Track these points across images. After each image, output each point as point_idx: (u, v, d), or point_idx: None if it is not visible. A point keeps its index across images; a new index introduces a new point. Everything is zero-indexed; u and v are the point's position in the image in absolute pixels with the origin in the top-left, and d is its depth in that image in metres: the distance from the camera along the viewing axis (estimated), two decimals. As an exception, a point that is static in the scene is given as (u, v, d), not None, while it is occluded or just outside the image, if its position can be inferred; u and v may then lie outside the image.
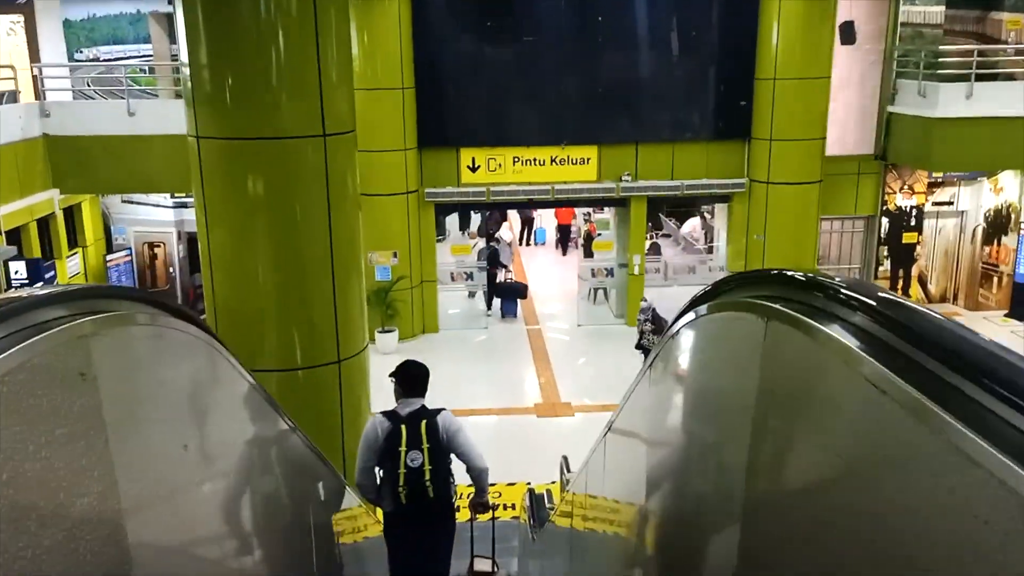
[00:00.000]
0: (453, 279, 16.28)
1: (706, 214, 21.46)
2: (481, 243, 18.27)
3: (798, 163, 15.15)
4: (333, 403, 6.61)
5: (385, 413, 4.55)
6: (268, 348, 6.41)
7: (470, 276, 16.32)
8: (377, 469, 4.49)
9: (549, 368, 13.94)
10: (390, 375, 4.84)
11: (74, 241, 14.42)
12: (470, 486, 5.07)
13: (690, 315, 2.08)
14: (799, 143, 15.07)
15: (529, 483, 10.12)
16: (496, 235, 19.84)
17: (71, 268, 14.11)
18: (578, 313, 16.50)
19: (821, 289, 1.39)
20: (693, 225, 21.52)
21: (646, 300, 12.63)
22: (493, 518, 5.09)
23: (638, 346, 12.53)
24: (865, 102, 16.32)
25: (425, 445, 4.33)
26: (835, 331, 1.26)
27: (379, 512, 4.89)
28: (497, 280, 17.33)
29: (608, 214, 18.29)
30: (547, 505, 7.94)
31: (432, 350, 14.86)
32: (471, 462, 4.65)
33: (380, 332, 14.64)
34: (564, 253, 22.24)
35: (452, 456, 4.64)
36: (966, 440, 0.90)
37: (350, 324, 6.64)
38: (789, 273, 1.54)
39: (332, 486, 4.44)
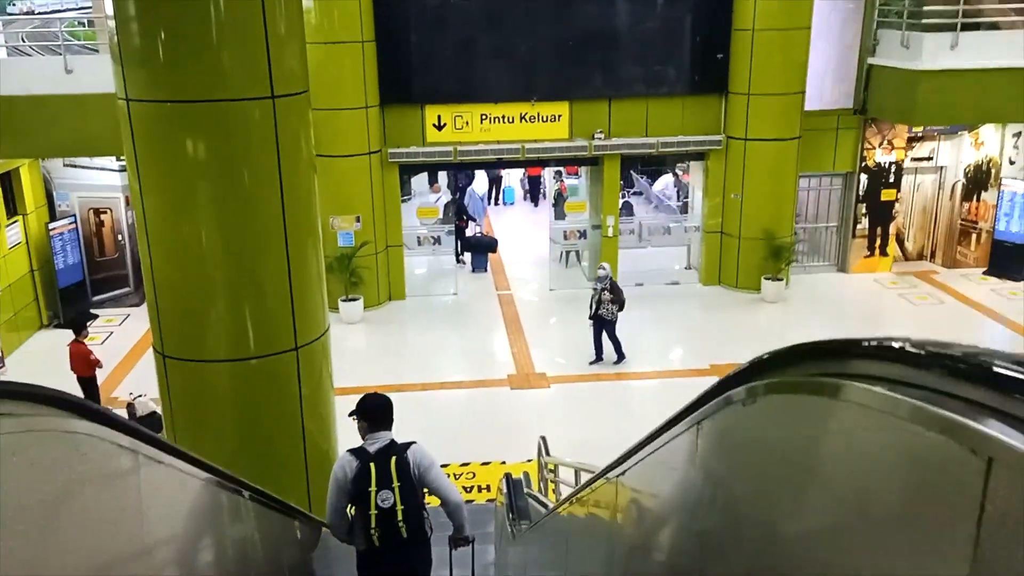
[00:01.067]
0: (420, 243, 15.58)
1: (679, 171, 20.93)
2: (447, 197, 17.52)
3: (777, 118, 14.62)
4: (292, 395, 6.01)
5: (353, 451, 4.25)
6: (216, 334, 5.77)
7: (437, 240, 15.64)
8: (349, 507, 4.25)
9: (522, 336, 13.42)
10: (350, 414, 4.51)
11: (12, 209, 13.44)
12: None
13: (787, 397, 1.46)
14: (778, 97, 14.52)
15: (504, 462, 9.66)
16: (468, 188, 19.13)
17: (11, 238, 13.16)
18: (550, 277, 15.95)
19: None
20: (665, 183, 21.01)
21: (604, 268, 12.08)
22: (472, 545, 4.83)
23: (593, 317, 12.00)
24: (844, 53, 15.75)
25: (396, 484, 4.07)
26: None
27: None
28: (467, 234, 16.94)
29: (581, 178, 17.68)
30: (525, 490, 7.46)
31: (399, 319, 14.27)
32: (445, 497, 4.37)
33: (344, 301, 13.97)
34: (536, 204, 21.71)
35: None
36: None
37: (308, 306, 6.01)
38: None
39: (303, 539, 3.91)
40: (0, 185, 13.05)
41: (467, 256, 16.71)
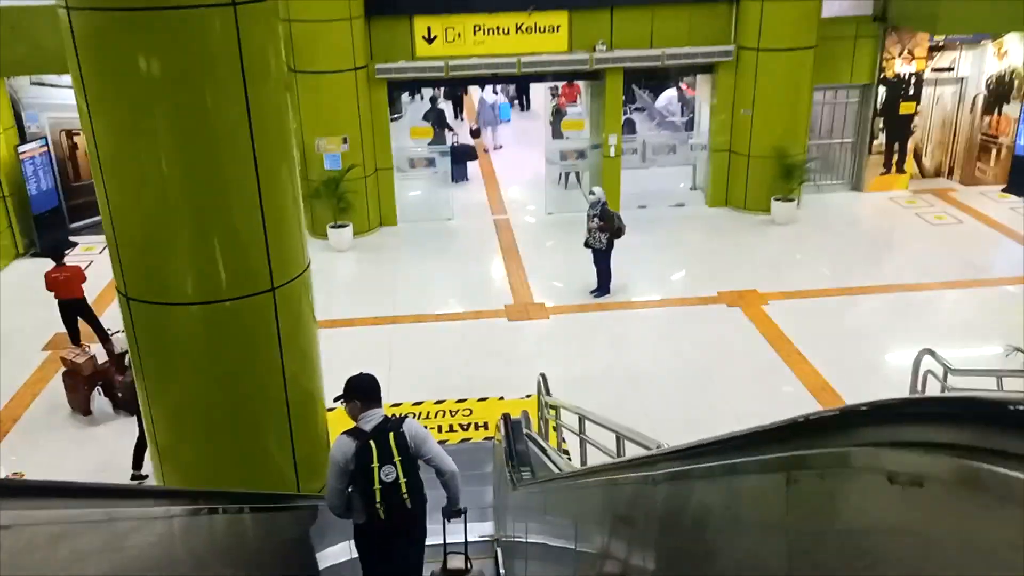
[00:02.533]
0: (413, 165, 14.80)
1: (683, 85, 19.93)
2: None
3: (791, 26, 13.66)
4: (270, 338, 5.43)
5: (349, 432, 4.40)
6: (183, 275, 5.16)
7: (431, 162, 14.84)
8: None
9: (519, 264, 12.81)
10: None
11: (-24, 132, 12.63)
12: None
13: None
14: (793, 3, 13.52)
15: (502, 397, 9.20)
16: (480, 97, 18.42)
17: (-25, 163, 12.39)
18: (547, 200, 15.24)
19: None
20: (669, 98, 20.02)
21: (595, 191, 11.34)
22: (465, 517, 4.94)
23: (586, 244, 11.36)
24: (865, -44, 14.71)
25: (397, 458, 4.25)
26: None
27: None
28: (447, 144, 16.48)
29: (580, 105, 16.76)
30: (524, 430, 6.99)
31: (391, 246, 13.64)
32: (441, 467, 4.51)
33: (332, 228, 13.30)
34: (524, 108, 21.12)
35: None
36: None
37: (285, 242, 5.38)
38: None
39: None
40: (-38, 106, 12.20)
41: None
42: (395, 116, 19.22)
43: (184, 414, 5.44)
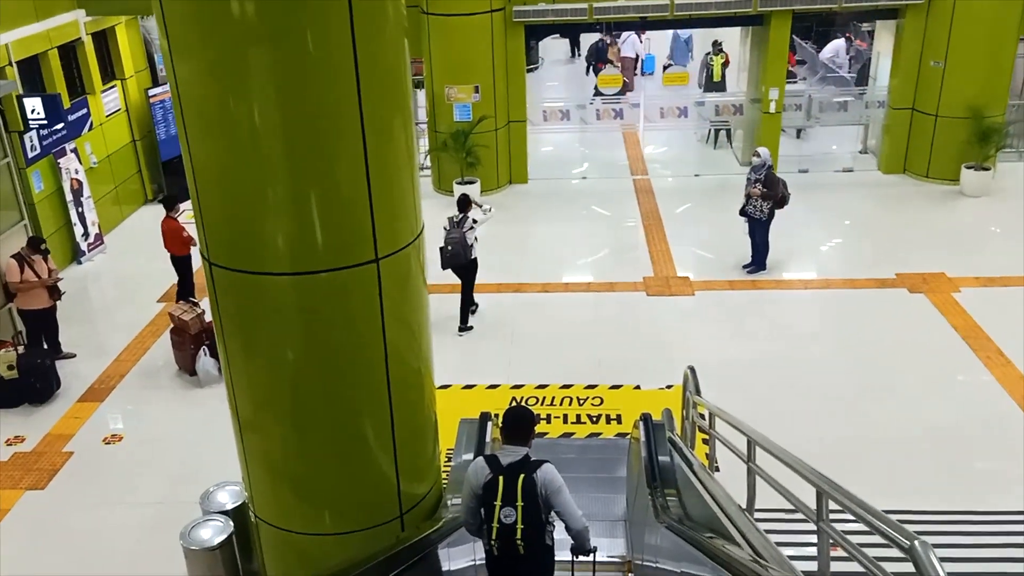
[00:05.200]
0: (546, 119, 13.69)
1: (852, 35, 17.74)
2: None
3: (1001, -38, 11.51)
4: (372, 314, 4.55)
5: (488, 458, 4.33)
6: (273, 240, 4.31)
7: (566, 115, 13.66)
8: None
9: (660, 231, 11.52)
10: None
11: (111, 73, 12.47)
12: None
13: None
14: (1006, -66, 11.36)
15: (638, 386, 8.08)
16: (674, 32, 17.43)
17: (108, 104, 12.24)
18: (695, 160, 13.79)
19: None
20: (836, 49, 17.90)
21: (760, 153, 9.82)
22: (594, 560, 4.44)
23: (743, 212, 9.89)
24: None
25: (520, 503, 4.12)
26: None
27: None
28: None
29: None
30: (668, 434, 5.87)
31: (520, 206, 12.63)
32: (570, 523, 4.23)
33: (459, 183, 12.42)
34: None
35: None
36: None
37: (393, 205, 4.44)
38: None
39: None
40: (96, 46, 12.01)
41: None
42: (531, 67, 18.15)
43: (270, 391, 4.69)
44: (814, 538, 3.28)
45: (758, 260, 10.11)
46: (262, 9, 3.79)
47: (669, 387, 7.89)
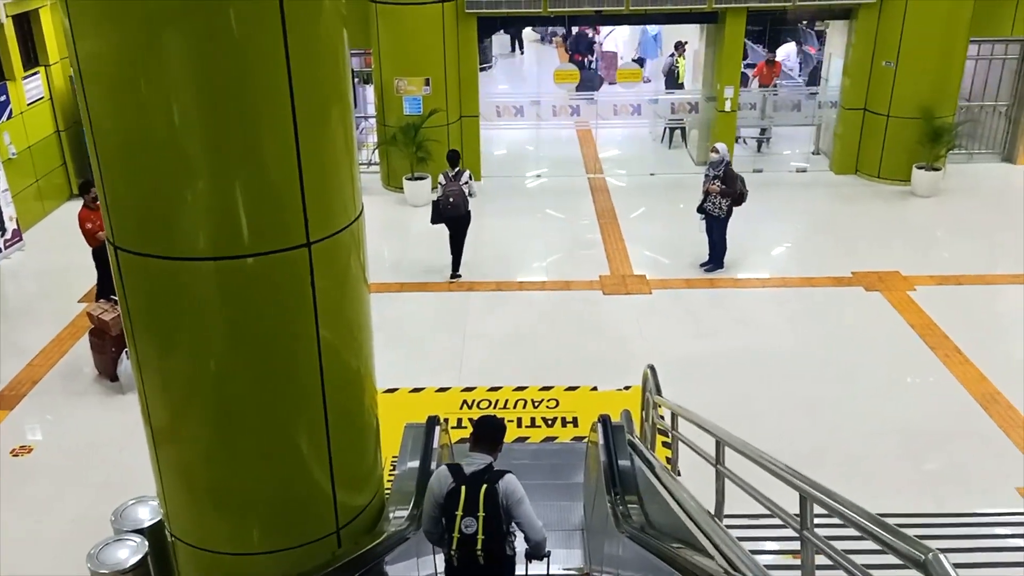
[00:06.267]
0: (500, 115, 13.34)
1: (801, 41, 17.80)
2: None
3: (951, -37, 11.53)
4: (303, 302, 4.11)
5: (451, 466, 4.27)
6: (191, 221, 3.85)
7: (520, 111, 13.34)
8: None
9: (616, 230, 11.24)
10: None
11: (33, 58, 11.73)
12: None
13: None
14: (956, -65, 11.38)
15: (595, 388, 7.74)
16: (644, 28, 17.43)
17: (30, 92, 11.49)
18: (651, 159, 13.60)
19: None
20: (787, 53, 17.94)
21: (718, 149, 9.56)
22: (548, 560, 4.37)
23: (700, 209, 9.66)
24: None
25: (481, 513, 4.06)
26: None
27: None
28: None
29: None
30: (628, 437, 5.53)
31: (473, 202, 12.20)
32: (529, 534, 4.19)
33: (409, 179, 11.99)
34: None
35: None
36: None
37: (327, 188, 4.03)
38: None
39: None
40: (17, 29, 11.27)
41: None
42: (484, 66, 17.81)
43: (187, 394, 4.20)
44: (793, 545, 2.96)
45: (716, 258, 9.88)
46: None
47: (627, 388, 7.57)
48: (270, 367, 4.13)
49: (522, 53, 21.75)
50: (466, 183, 9.54)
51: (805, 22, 17.07)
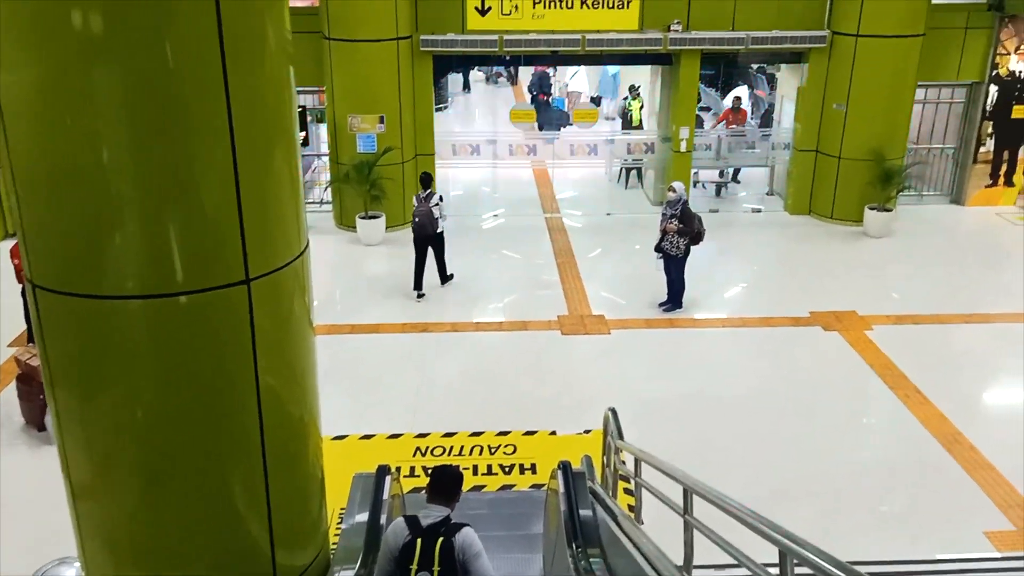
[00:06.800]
0: (456, 153, 13.21)
1: (757, 82, 18.11)
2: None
3: (897, 10, 11.84)
4: (241, 344, 3.83)
5: (408, 518, 4.13)
6: (118, 256, 3.56)
7: (476, 150, 13.23)
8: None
9: (574, 269, 11.10)
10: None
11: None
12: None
13: None
14: (901, -17, 11.69)
15: (554, 432, 7.48)
16: (604, 67, 17.85)
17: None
18: (607, 199, 13.57)
19: None
20: (736, 95, 18.21)
21: (675, 188, 9.52)
22: None
23: (658, 248, 9.58)
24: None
25: (436, 567, 3.91)
26: None
27: None
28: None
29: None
30: (589, 484, 5.28)
31: (428, 242, 11.99)
32: None
33: (362, 218, 11.74)
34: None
35: None
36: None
37: (268, 223, 3.77)
38: None
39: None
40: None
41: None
42: (440, 106, 17.75)
43: (111, 446, 3.85)
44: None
45: (674, 298, 9.77)
46: (108, 27, 3.17)
47: (588, 432, 7.34)
48: (203, 415, 3.81)
49: (469, 92, 21.90)
50: (436, 205, 9.81)
51: (756, 66, 17.40)
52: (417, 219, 9.84)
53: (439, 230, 9.94)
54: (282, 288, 3.89)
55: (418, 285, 10.11)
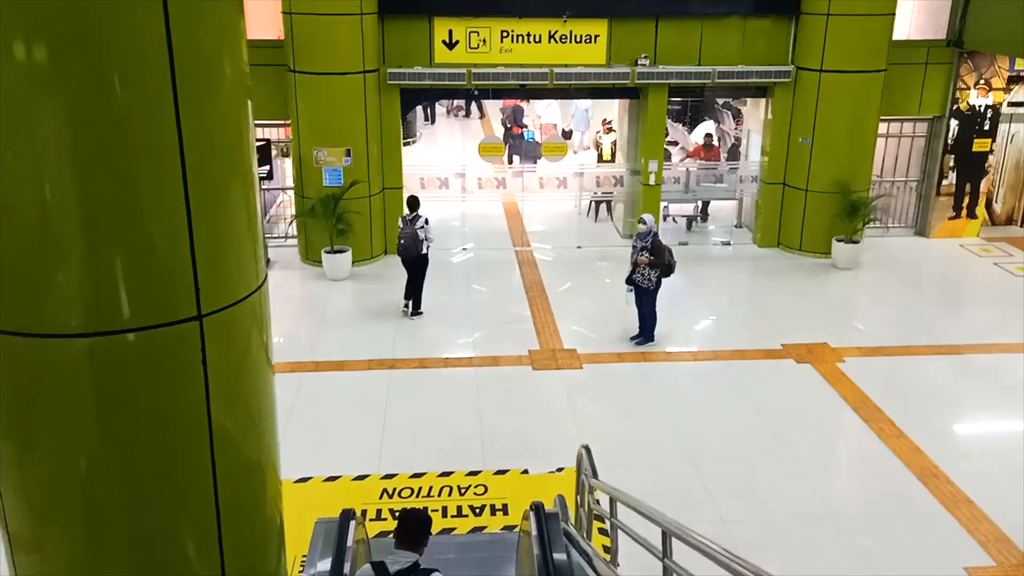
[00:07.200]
0: (424, 187, 13.07)
1: (722, 117, 18.30)
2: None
3: (860, 45, 12.04)
4: (192, 383, 3.61)
5: (375, 564, 3.96)
6: (61, 293, 3.35)
7: (445, 183, 13.12)
8: None
9: (545, 303, 10.96)
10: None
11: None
12: None
13: None
14: (862, 19, 11.90)
15: (525, 471, 7.26)
16: (576, 102, 17.96)
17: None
18: (577, 232, 13.50)
19: None
20: (706, 131, 18.39)
21: (645, 220, 9.48)
22: None
23: (629, 281, 9.49)
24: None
25: None
26: None
27: None
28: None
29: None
30: (563, 526, 5.07)
31: (395, 276, 11.77)
32: None
33: (328, 253, 11.51)
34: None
35: None
36: None
37: (224, 255, 3.61)
38: None
39: None
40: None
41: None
42: (408, 140, 17.65)
43: (52, 495, 3.61)
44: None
45: (646, 331, 9.65)
46: (53, 57, 3.03)
47: (561, 470, 7.13)
48: (151, 461, 3.58)
49: (433, 123, 21.93)
50: (421, 227, 9.98)
51: (722, 101, 17.59)
52: (403, 240, 10.03)
53: (423, 251, 10.10)
54: (238, 324, 3.69)
55: (417, 304, 10.41)
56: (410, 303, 10.40)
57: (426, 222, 10.08)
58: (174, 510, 3.63)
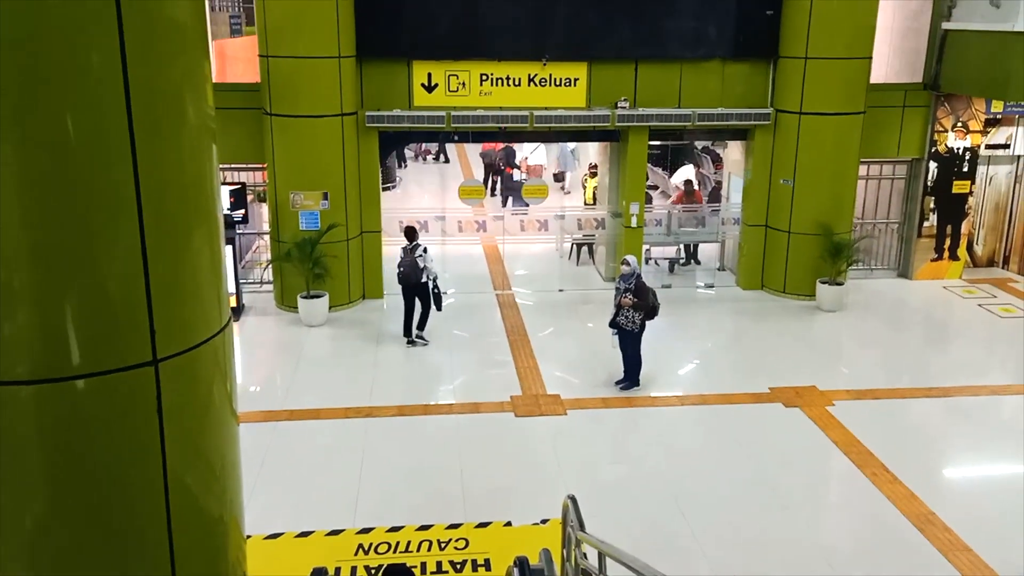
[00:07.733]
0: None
1: (702, 160, 18.38)
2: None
3: (838, 88, 12.11)
4: (147, 433, 3.36)
5: None
6: (5, 338, 3.12)
7: (424, 226, 12.92)
8: None
9: (528, 347, 10.71)
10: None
11: None
12: None
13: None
14: (840, 62, 11.98)
15: (509, 523, 6.94)
16: (562, 144, 18.15)
17: None
18: (558, 275, 13.32)
19: None
20: (685, 175, 18.43)
21: (628, 262, 9.35)
22: None
23: (613, 324, 9.30)
24: (911, 17, 13.35)
25: None
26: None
27: None
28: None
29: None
30: (549, 581, 4.76)
31: (373, 322, 11.55)
32: None
33: (304, 298, 11.23)
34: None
35: None
36: None
37: (182, 297, 3.39)
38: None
39: None
40: None
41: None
42: (388, 185, 17.53)
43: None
44: None
45: (631, 375, 9.41)
46: (6, 92, 2.88)
47: (545, 522, 6.81)
48: (101, 517, 3.30)
49: (405, 167, 21.90)
50: (420, 256, 10.31)
51: (701, 145, 17.66)
52: (402, 269, 10.36)
53: (423, 280, 10.36)
54: (197, 369, 3.43)
55: (407, 333, 10.66)
56: (412, 333, 10.64)
57: (424, 251, 10.38)
58: (125, 565, 3.33)
